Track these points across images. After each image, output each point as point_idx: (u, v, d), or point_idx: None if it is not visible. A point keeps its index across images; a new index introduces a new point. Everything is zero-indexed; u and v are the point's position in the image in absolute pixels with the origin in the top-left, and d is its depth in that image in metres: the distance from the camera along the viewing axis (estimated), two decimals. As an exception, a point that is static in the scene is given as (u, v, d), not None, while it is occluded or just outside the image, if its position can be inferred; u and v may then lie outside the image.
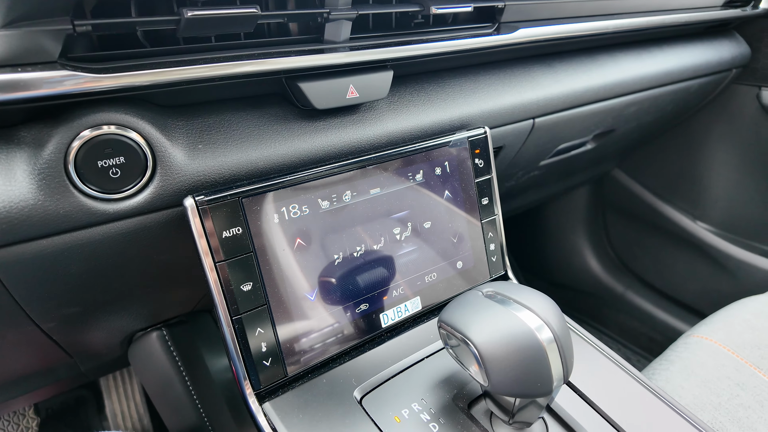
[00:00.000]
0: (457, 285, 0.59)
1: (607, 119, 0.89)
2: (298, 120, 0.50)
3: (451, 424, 0.43)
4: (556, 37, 0.66)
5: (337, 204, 0.49)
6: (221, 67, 0.42)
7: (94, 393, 1.11)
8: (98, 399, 1.11)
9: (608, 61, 0.82)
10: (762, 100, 1.13)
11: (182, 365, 0.63)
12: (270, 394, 0.46)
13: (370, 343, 0.52)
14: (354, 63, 0.49)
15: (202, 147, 0.45)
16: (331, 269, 0.49)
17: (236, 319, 0.44)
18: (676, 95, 0.99)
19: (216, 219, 0.43)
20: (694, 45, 0.98)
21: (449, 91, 0.61)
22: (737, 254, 1.25)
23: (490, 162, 0.61)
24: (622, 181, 1.46)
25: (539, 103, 0.71)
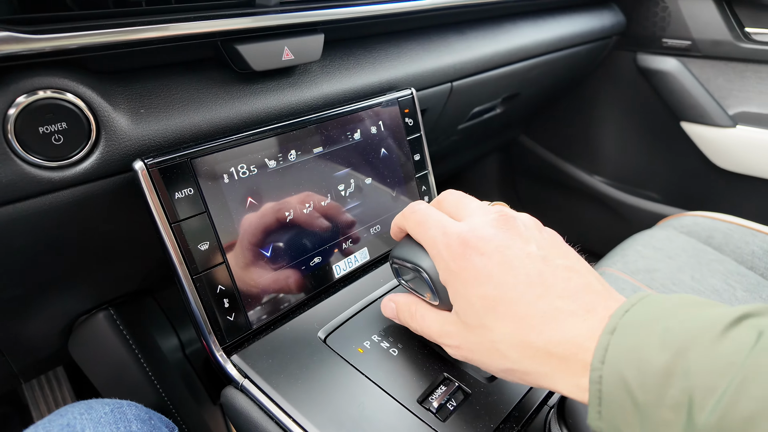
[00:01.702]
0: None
1: (513, 83, 0.98)
2: (237, 83, 0.51)
3: (408, 347, 0.48)
4: (466, 4, 0.72)
5: (284, 163, 0.51)
6: (160, 29, 0.42)
7: (17, 408, 1.03)
8: (24, 414, 1.03)
9: (512, 28, 0.90)
10: (638, 63, 1.29)
11: (134, 345, 0.61)
12: (236, 348, 0.48)
13: (327, 293, 0.55)
14: (288, 25, 0.51)
15: (145, 112, 0.45)
16: (284, 226, 0.52)
17: (196, 278, 0.45)
18: (569, 60, 1.11)
19: (167, 180, 0.43)
20: (580, 15, 1.10)
21: (376, 55, 0.65)
22: (628, 200, 1.44)
23: (418, 121, 0.66)
24: (527, 146, 1.60)
25: (455, 68, 0.78)
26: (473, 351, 0.37)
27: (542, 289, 0.35)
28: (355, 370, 0.46)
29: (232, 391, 0.46)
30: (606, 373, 0.28)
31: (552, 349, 0.32)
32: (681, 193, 1.38)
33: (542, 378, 0.33)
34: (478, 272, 0.36)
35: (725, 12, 1.16)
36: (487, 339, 0.36)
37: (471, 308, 0.36)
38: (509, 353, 0.35)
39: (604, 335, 0.30)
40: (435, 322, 0.41)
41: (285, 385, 0.44)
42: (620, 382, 0.28)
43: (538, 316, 0.34)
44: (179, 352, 0.72)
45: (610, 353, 0.29)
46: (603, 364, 0.29)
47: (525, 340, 0.34)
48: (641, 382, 0.27)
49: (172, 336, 0.72)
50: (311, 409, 0.42)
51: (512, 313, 0.35)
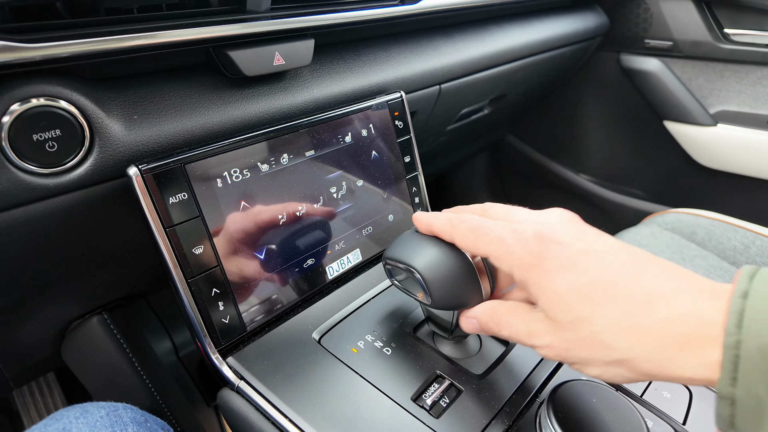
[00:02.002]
0: (391, 236, 0.65)
1: (500, 84, 1.00)
2: (229, 89, 0.52)
3: (401, 346, 0.49)
4: (453, 8, 0.73)
5: (276, 167, 0.52)
6: (151, 37, 0.43)
7: (8, 414, 1.02)
8: (14, 421, 1.02)
9: (498, 31, 0.92)
10: (621, 63, 1.32)
11: (129, 349, 0.62)
12: (232, 350, 0.49)
13: (320, 294, 0.56)
14: (278, 31, 0.51)
15: (138, 118, 0.45)
16: (277, 228, 0.52)
17: (192, 282, 0.46)
18: (554, 61, 1.13)
19: (161, 186, 0.44)
20: (565, 17, 1.12)
21: (365, 59, 0.66)
22: (613, 198, 1.47)
23: (408, 123, 0.67)
24: (514, 145, 1.62)
25: (443, 70, 0.79)
26: (569, 348, 0.33)
27: (636, 269, 0.32)
28: (350, 369, 0.47)
29: (228, 392, 0.46)
30: (745, 338, 0.27)
31: (667, 328, 0.29)
32: (665, 191, 1.41)
33: (658, 366, 0.30)
34: (562, 261, 0.33)
35: (705, 13, 1.19)
36: (586, 332, 0.32)
37: (560, 301, 0.33)
38: (616, 342, 0.31)
39: (735, 299, 0.28)
40: (521, 323, 0.37)
41: (280, 385, 0.45)
42: (764, 347, 0.26)
43: (643, 294, 0.31)
44: (173, 355, 0.72)
45: (749, 317, 0.27)
46: (740, 328, 0.27)
47: (634, 324, 0.30)
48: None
49: (165, 339, 0.72)
50: (307, 409, 0.43)
51: (612, 296, 0.31)
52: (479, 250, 0.38)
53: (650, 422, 0.44)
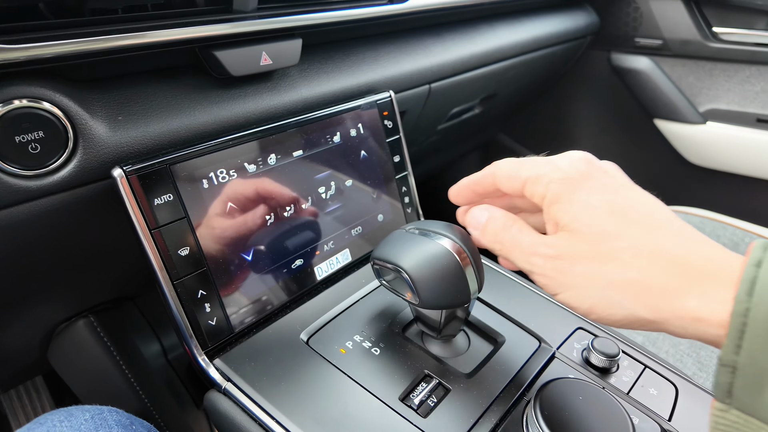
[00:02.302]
0: (381, 236, 0.65)
1: (491, 83, 1.00)
2: (215, 89, 0.51)
3: (390, 346, 0.49)
4: (442, 7, 0.73)
5: (264, 167, 0.52)
6: (136, 37, 0.43)
7: (-4, 419, 1.01)
8: (2, 424, 1.01)
9: (488, 30, 0.92)
10: (612, 62, 1.32)
11: (116, 351, 0.61)
12: (219, 352, 0.49)
13: (309, 295, 0.56)
14: (265, 31, 0.51)
15: (122, 119, 0.45)
16: (265, 229, 0.52)
17: (177, 283, 0.46)
18: (545, 60, 1.13)
19: (146, 187, 0.44)
20: (556, 16, 1.12)
21: (354, 59, 0.66)
22: (604, 196, 1.47)
23: (397, 123, 0.67)
24: (506, 144, 1.63)
25: (433, 70, 0.79)
26: (577, 260, 0.32)
27: (670, 214, 0.33)
28: (338, 370, 0.47)
29: (215, 394, 0.46)
30: (756, 306, 0.26)
31: (693, 261, 0.29)
32: (655, 189, 1.41)
33: (668, 294, 0.29)
34: (605, 183, 0.34)
35: (693, 12, 1.19)
36: (607, 246, 0.31)
37: (590, 212, 0.32)
38: (635, 261, 0.30)
39: (749, 267, 0.28)
40: (528, 237, 0.36)
41: (268, 387, 0.45)
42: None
43: (674, 230, 0.31)
44: (162, 358, 0.72)
45: (760, 287, 0.27)
46: (751, 296, 0.27)
47: (660, 248, 0.30)
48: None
49: (154, 342, 0.71)
50: (294, 410, 0.42)
51: (646, 223, 0.31)
52: (521, 175, 0.37)
53: (636, 419, 0.44)
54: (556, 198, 0.34)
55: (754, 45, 1.15)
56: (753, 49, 1.15)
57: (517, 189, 0.38)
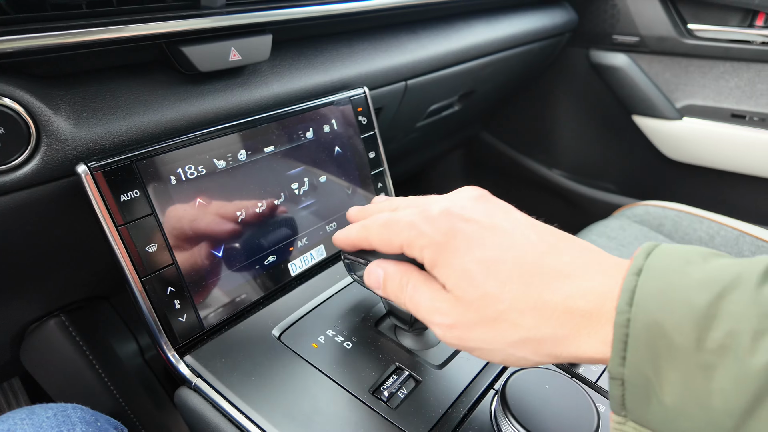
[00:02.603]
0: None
1: (468, 80, 1.01)
2: (183, 85, 0.51)
3: (362, 340, 0.49)
4: (416, 4, 0.73)
5: (234, 163, 0.52)
6: (101, 32, 0.42)
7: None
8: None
9: (464, 27, 0.92)
10: (590, 58, 1.34)
11: (89, 351, 0.61)
12: (190, 349, 0.48)
13: (282, 291, 0.56)
14: (234, 27, 0.51)
15: (87, 115, 0.44)
16: (235, 226, 0.52)
17: (146, 280, 0.45)
18: (523, 57, 1.14)
19: (112, 183, 0.43)
20: (533, 12, 1.13)
21: (327, 55, 0.66)
22: (585, 192, 1.49)
23: (372, 119, 0.67)
24: (488, 141, 1.64)
25: (408, 66, 0.79)
26: (471, 328, 0.32)
27: (544, 246, 0.32)
28: (309, 365, 0.47)
29: (185, 391, 0.46)
30: (635, 316, 0.26)
31: (572, 304, 0.29)
32: (634, 184, 1.44)
33: (561, 343, 0.30)
34: (470, 238, 0.33)
35: (669, 9, 1.21)
36: (492, 310, 0.31)
37: (467, 277, 0.32)
38: (522, 320, 0.30)
39: (629, 276, 0.27)
40: (425, 295, 0.35)
41: (238, 383, 0.44)
42: (652, 325, 0.26)
43: (550, 272, 0.30)
44: (138, 357, 0.71)
45: (639, 295, 0.27)
46: (631, 306, 0.27)
47: (540, 300, 0.30)
48: (677, 324, 0.25)
49: (130, 341, 0.71)
50: (264, 405, 0.42)
51: (519, 273, 0.31)
52: (394, 242, 0.36)
53: (602, 407, 0.45)
54: (433, 263, 0.34)
55: (727, 42, 1.17)
56: (727, 46, 1.17)
57: (396, 251, 0.37)
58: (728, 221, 1.02)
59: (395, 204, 0.42)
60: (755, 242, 0.96)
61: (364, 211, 0.44)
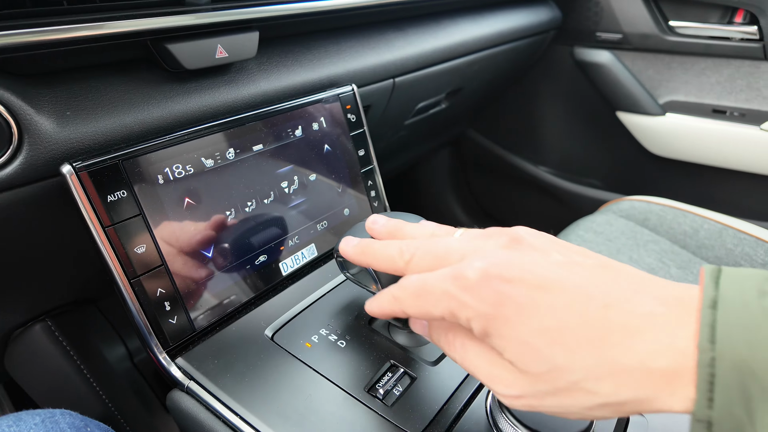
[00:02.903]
0: (347, 229, 0.64)
1: (455, 78, 1.01)
2: (169, 83, 0.50)
3: (356, 338, 0.49)
4: (403, 1, 0.73)
5: (222, 162, 0.51)
6: (83, 29, 0.41)
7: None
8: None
9: (450, 25, 0.92)
10: (575, 56, 1.35)
11: (76, 356, 0.59)
12: (181, 351, 0.48)
13: (274, 291, 0.55)
14: (220, 23, 0.50)
15: (71, 114, 0.43)
16: (225, 225, 0.51)
17: (135, 282, 0.44)
18: (509, 54, 1.15)
19: (98, 184, 0.42)
20: (518, 10, 1.14)
21: (315, 52, 0.65)
22: (571, 188, 1.50)
23: (361, 117, 0.67)
24: (475, 139, 1.64)
25: (396, 64, 0.79)
26: (542, 398, 0.30)
27: (602, 297, 0.29)
28: (303, 364, 0.46)
29: (177, 393, 0.45)
30: (721, 355, 0.24)
31: (651, 364, 0.26)
32: (619, 179, 1.45)
33: (643, 403, 0.27)
34: (520, 304, 0.29)
35: (651, 7, 1.23)
36: (564, 381, 0.28)
37: (531, 351, 0.29)
38: (599, 387, 0.28)
39: (705, 310, 0.26)
40: (481, 360, 0.32)
41: (231, 384, 0.44)
42: (741, 365, 0.24)
43: (618, 330, 0.27)
44: (127, 361, 0.70)
45: (721, 332, 0.25)
46: (713, 344, 0.25)
47: (616, 365, 0.27)
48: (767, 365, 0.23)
49: (119, 345, 0.70)
50: (258, 406, 0.42)
51: (586, 339, 0.28)
52: (434, 314, 0.33)
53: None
54: (485, 334, 0.31)
55: (708, 38, 1.19)
56: (707, 42, 1.18)
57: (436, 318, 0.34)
58: (711, 215, 1.03)
59: (398, 230, 0.39)
60: (738, 235, 0.98)
61: (367, 247, 0.40)
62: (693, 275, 0.91)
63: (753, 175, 1.23)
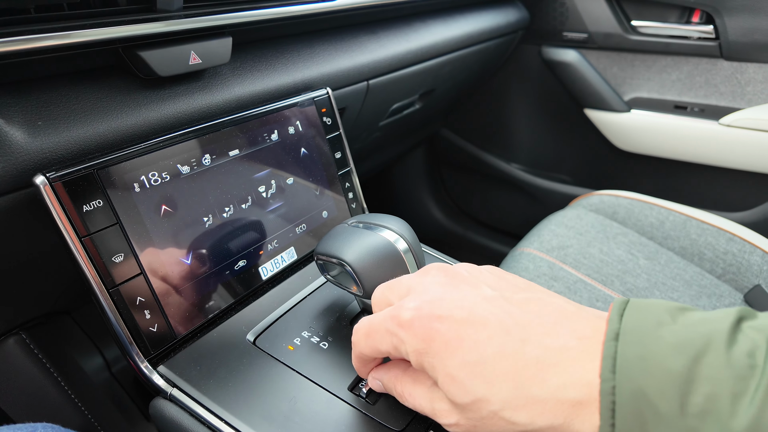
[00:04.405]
0: (326, 232, 0.65)
1: (428, 79, 1.02)
2: (143, 90, 0.50)
3: (338, 339, 0.50)
4: (374, 4, 0.74)
5: (198, 168, 0.51)
6: (51, 38, 0.41)
7: None
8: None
9: (422, 27, 0.94)
10: (542, 55, 1.38)
11: (53, 368, 0.58)
12: (163, 359, 0.47)
13: (254, 295, 0.56)
14: (192, 30, 0.50)
15: (43, 124, 0.43)
16: (203, 231, 0.51)
17: (113, 291, 0.44)
18: (479, 55, 1.17)
19: (73, 194, 0.42)
20: (487, 12, 1.16)
21: (288, 56, 0.66)
22: (542, 184, 1.54)
23: (336, 120, 0.68)
24: (449, 138, 1.67)
25: (370, 66, 0.80)
26: (476, 426, 0.32)
27: (521, 332, 0.32)
28: (286, 367, 0.47)
29: (160, 401, 0.45)
30: (619, 383, 0.27)
31: (563, 396, 0.29)
32: (589, 175, 1.50)
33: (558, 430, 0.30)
34: (446, 339, 0.32)
35: (614, 7, 1.27)
36: (486, 411, 0.31)
37: (456, 383, 0.32)
38: (517, 417, 0.30)
39: (608, 342, 0.28)
40: (424, 399, 0.36)
41: (215, 389, 0.44)
42: (637, 392, 0.26)
43: (533, 364, 0.30)
44: (105, 372, 0.69)
45: (620, 362, 0.27)
46: (614, 374, 0.27)
47: (531, 397, 0.30)
48: (660, 390, 0.26)
49: (95, 355, 0.68)
50: (242, 409, 0.42)
51: (502, 372, 0.31)
52: (382, 350, 0.37)
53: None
54: (420, 366, 0.34)
55: (668, 37, 1.23)
56: (667, 41, 1.23)
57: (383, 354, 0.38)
58: (676, 207, 1.08)
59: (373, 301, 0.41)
60: (701, 225, 1.02)
61: None
62: (660, 265, 0.95)
63: (714, 168, 1.29)
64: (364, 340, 0.38)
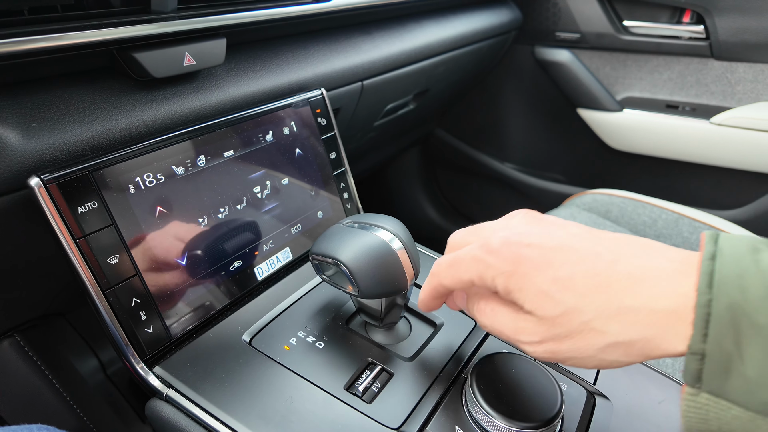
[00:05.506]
0: (321, 233, 0.65)
1: (422, 79, 1.03)
2: (137, 92, 0.50)
3: (334, 338, 0.50)
4: (367, 5, 0.74)
5: (193, 169, 0.51)
6: (45, 40, 0.41)
7: None
8: None
9: (416, 27, 0.94)
10: (536, 55, 1.39)
11: (47, 370, 0.58)
12: (158, 359, 0.47)
13: (250, 296, 0.56)
14: (187, 31, 0.50)
15: (37, 125, 0.43)
16: (198, 232, 0.51)
17: (109, 293, 0.44)
18: (473, 55, 1.18)
19: (68, 195, 0.42)
20: (480, 12, 1.17)
21: (283, 57, 0.66)
22: (536, 183, 1.55)
23: (331, 120, 0.68)
24: (443, 138, 1.67)
25: (364, 67, 0.80)
26: (561, 341, 0.33)
27: (610, 255, 0.32)
28: (282, 366, 0.47)
29: (157, 402, 0.45)
30: (717, 297, 0.28)
31: (655, 305, 0.30)
32: (582, 174, 1.51)
33: (651, 342, 0.30)
34: (536, 261, 0.33)
35: (606, 7, 1.28)
36: (577, 322, 0.32)
37: (546, 297, 0.33)
38: (609, 327, 0.31)
39: (705, 261, 0.29)
40: (507, 318, 0.36)
41: (211, 390, 0.44)
42: (734, 306, 0.28)
43: (625, 278, 0.31)
44: (100, 373, 0.69)
45: (718, 278, 0.29)
46: (710, 288, 0.28)
47: (623, 306, 0.31)
48: (758, 305, 0.27)
49: (91, 357, 0.68)
50: (239, 410, 0.42)
51: (597, 284, 0.32)
52: (464, 279, 0.37)
53: (564, 385, 0.47)
54: (507, 290, 0.35)
55: (659, 37, 1.24)
56: (658, 41, 1.24)
57: (468, 286, 0.39)
58: (668, 205, 1.09)
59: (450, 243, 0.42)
60: (693, 223, 1.03)
61: None
62: (652, 263, 0.96)
63: (705, 167, 1.30)
64: (446, 270, 0.39)
